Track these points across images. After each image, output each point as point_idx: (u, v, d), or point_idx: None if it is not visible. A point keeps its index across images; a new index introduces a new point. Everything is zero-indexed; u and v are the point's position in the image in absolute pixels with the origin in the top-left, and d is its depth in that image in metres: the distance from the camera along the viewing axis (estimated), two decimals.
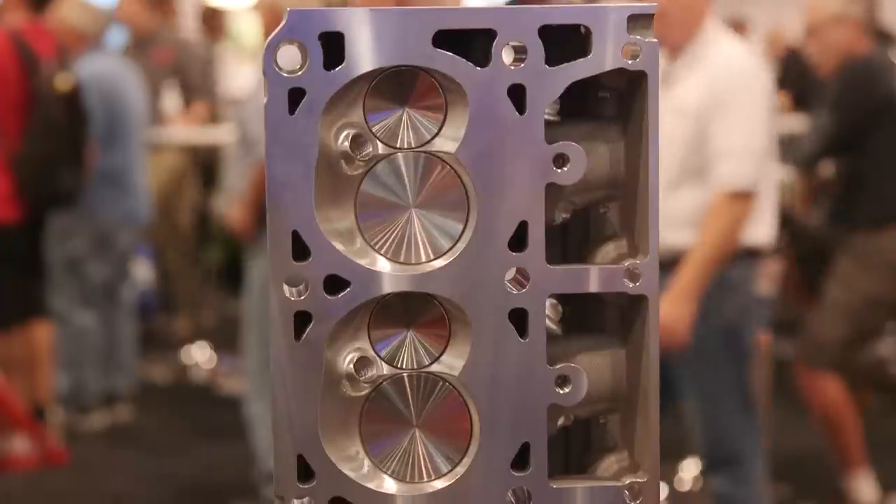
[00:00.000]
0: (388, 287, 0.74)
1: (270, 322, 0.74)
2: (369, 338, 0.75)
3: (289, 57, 0.73)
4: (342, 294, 0.73)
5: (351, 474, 0.74)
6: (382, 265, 0.74)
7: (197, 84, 5.86)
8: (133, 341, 5.18)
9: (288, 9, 0.73)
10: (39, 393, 4.88)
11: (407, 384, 0.75)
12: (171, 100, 5.79)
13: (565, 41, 0.75)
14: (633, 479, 0.76)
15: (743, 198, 2.77)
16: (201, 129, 5.64)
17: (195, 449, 4.47)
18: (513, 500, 0.74)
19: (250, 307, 3.25)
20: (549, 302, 0.76)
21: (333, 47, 0.73)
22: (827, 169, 4.55)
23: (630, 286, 0.76)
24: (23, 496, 4.94)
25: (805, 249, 4.65)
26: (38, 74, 4.25)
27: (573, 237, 0.82)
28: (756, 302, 2.99)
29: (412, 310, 0.75)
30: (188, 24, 7.58)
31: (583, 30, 0.74)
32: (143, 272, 5.72)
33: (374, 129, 0.74)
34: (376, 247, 0.74)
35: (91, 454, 4.85)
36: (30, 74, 4.24)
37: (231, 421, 4.05)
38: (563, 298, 0.81)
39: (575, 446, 0.83)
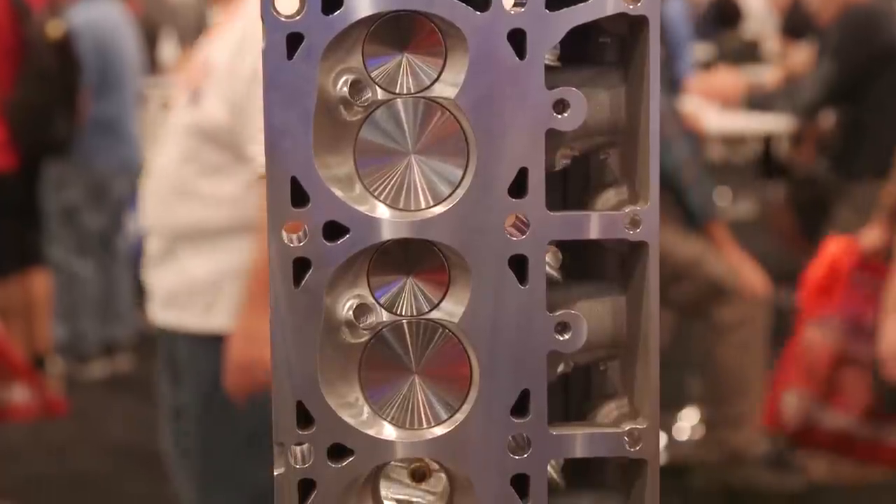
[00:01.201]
0: (387, 234, 0.73)
1: (269, 269, 0.73)
2: (368, 285, 0.75)
3: (287, 1, 0.72)
4: (341, 240, 0.73)
5: (350, 421, 0.74)
6: (382, 212, 0.74)
7: (192, 33, 5.84)
8: (131, 290, 5.17)
9: None
10: (38, 342, 4.89)
11: (406, 331, 0.74)
12: (168, 49, 5.77)
13: None
14: (633, 426, 0.76)
15: None
16: None
17: None
18: (513, 446, 0.74)
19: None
20: (549, 248, 0.75)
21: None
22: (827, 118, 4.54)
23: (631, 233, 0.75)
24: (22, 445, 4.95)
25: (805, 199, 4.65)
26: (30, 21, 4.23)
27: (573, 184, 0.82)
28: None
29: (412, 256, 0.74)
30: None
31: None
32: (139, 222, 5.70)
33: (372, 75, 0.73)
34: (375, 193, 0.74)
35: (91, 403, 4.88)
36: (21, 21, 4.22)
37: None
38: (563, 245, 0.80)
39: (575, 393, 0.84)
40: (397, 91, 0.73)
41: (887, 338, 2.75)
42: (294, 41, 0.72)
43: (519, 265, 0.74)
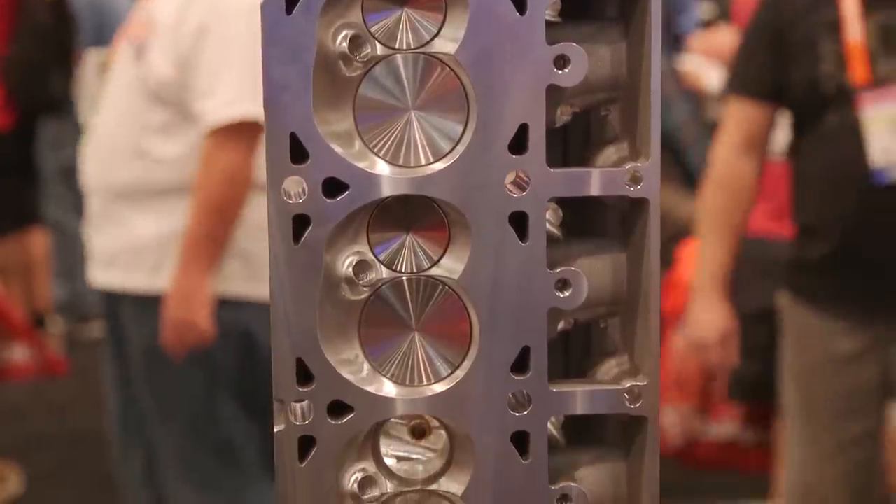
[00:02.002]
0: (387, 190, 0.73)
1: (268, 226, 0.73)
2: (368, 241, 0.74)
3: None
4: (341, 197, 0.73)
5: (350, 378, 0.74)
6: (381, 168, 0.73)
7: None
8: None
9: None
10: (38, 301, 4.89)
11: (406, 288, 0.74)
12: None
13: None
14: (633, 383, 0.76)
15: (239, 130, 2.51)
16: None
17: None
18: (513, 402, 0.74)
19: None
20: (549, 205, 0.75)
21: None
22: None
23: (631, 189, 0.75)
24: (23, 405, 4.96)
25: None
26: None
27: (574, 140, 0.81)
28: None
29: (411, 213, 0.74)
30: None
31: None
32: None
33: (372, 30, 0.73)
34: (375, 149, 0.73)
35: (91, 363, 4.87)
36: None
37: None
38: (563, 202, 0.80)
39: (575, 350, 0.83)
40: (397, 47, 0.73)
41: (700, 320, 2.50)
42: None
43: (519, 222, 0.74)
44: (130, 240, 2.63)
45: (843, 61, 2.34)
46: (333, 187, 0.73)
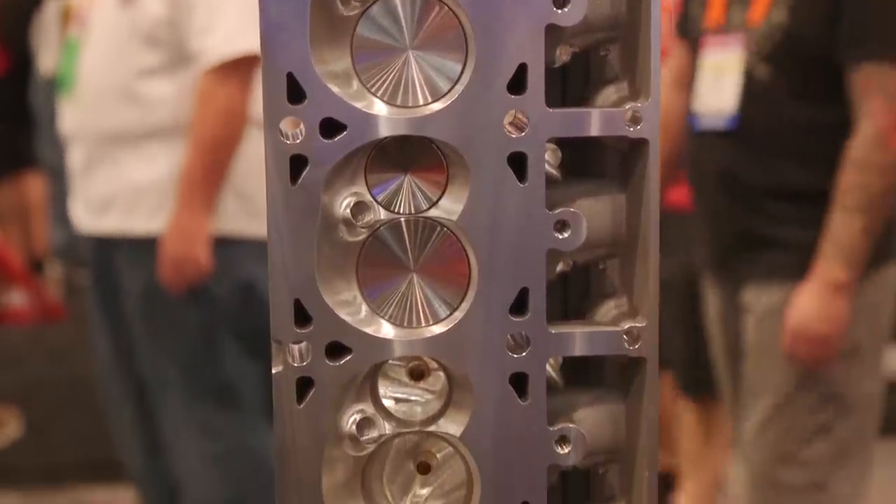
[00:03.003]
0: (385, 131, 0.72)
1: (265, 166, 0.73)
2: (366, 182, 0.74)
3: None
4: (339, 137, 0.72)
5: (348, 319, 0.74)
6: (379, 108, 0.73)
7: None
8: None
9: None
10: (35, 246, 4.89)
11: (404, 229, 0.74)
12: None
13: None
14: (632, 325, 0.76)
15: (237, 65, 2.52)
16: None
17: None
18: (511, 344, 0.74)
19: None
20: (548, 146, 0.74)
21: None
22: None
23: (631, 129, 0.74)
24: (21, 350, 4.97)
25: None
26: None
27: (573, 80, 0.81)
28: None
29: (410, 154, 0.74)
30: None
31: None
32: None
33: None
34: (373, 90, 0.73)
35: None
36: None
37: None
38: (562, 143, 0.80)
39: (574, 292, 0.83)
40: None
41: None
42: None
43: (518, 163, 0.73)
44: (128, 183, 2.63)
45: (706, 5, 2.36)
46: (331, 128, 0.72)
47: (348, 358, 0.74)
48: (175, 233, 2.54)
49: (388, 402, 0.76)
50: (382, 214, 0.74)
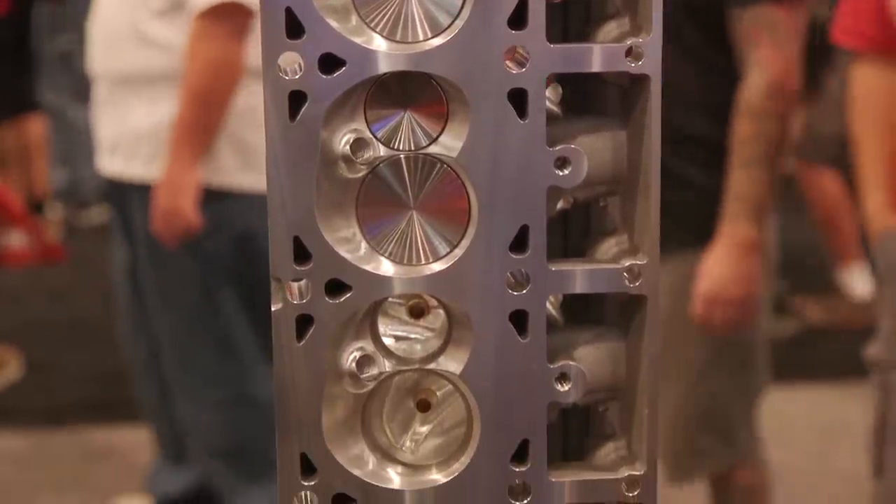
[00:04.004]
0: (384, 66, 0.72)
1: (263, 103, 0.72)
2: (366, 119, 0.73)
3: None
4: (338, 73, 0.72)
5: (347, 256, 0.73)
6: (378, 44, 0.72)
7: None
8: None
9: None
10: (36, 188, 4.88)
11: (404, 166, 0.73)
12: None
13: None
14: (633, 262, 0.75)
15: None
16: None
17: None
18: (511, 281, 0.74)
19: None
20: (549, 82, 0.74)
21: None
22: None
23: (632, 66, 0.74)
24: (21, 291, 4.98)
25: (808, 39, 4.57)
26: None
27: (574, 16, 0.80)
28: None
29: (409, 90, 0.73)
30: None
31: None
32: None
33: None
34: (372, 25, 0.72)
35: (89, 249, 4.89)
36: None
37: None
38: (563, 79, 0.79)
39: (574, 229, 0.83)
40: None
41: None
42: None
43: (518, 99, 0.73)
44: (130, 127, 2.63)
45: None
46: (330, 63, 0.72)
47: (348, 295, 0.74)
48: (165, 185, 2.55)
49: (387, 340, 0.76)
50: (382, 151, 0.73)
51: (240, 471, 2.92)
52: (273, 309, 0.74)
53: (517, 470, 0.76)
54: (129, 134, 2.65)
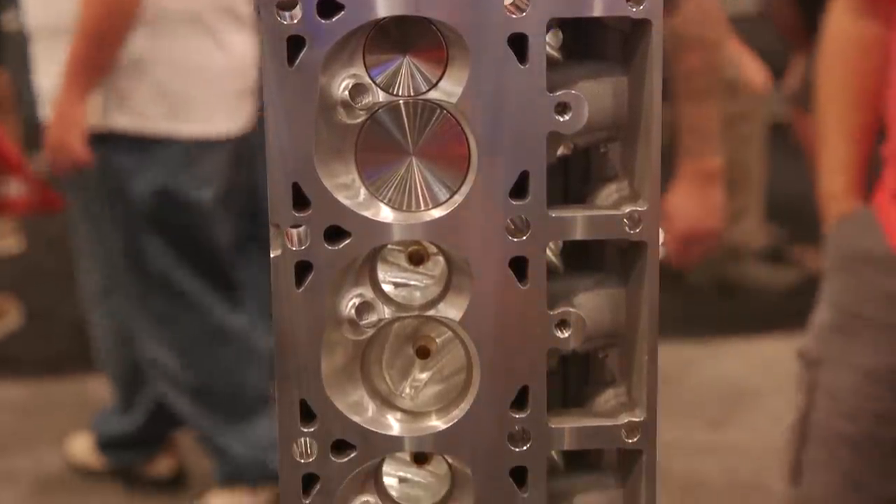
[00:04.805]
0: (383, 10, 0.71)
1: (261, 48, 0.71)
2: (364, 64, 0.73)
3: None
4: (336, 18, 0.71)
5: (347, 202, 0.73)
6: None
7: None
8: None
9: None
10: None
11: (403, 111, 0.73)
12: None
13: None
14: (633, 208, 0.75)
15: None
16: None
17: None
18: (511, 228, 0.74)
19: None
20: (549, 27, 0.73)
21: None
22: None
23: (633, 10, 0.73)
24: (20, 240, 4.97)
25: None
26: None
27: None
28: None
29: (408, 35, 0.72)
30: None
31: None
32: None
33: None
34: None
35: None
36: None
37: None
38: (563, 24, 0.78)
39: (574, 176, 0.82)
40: None
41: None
42: None
43: (518, 44, 0.72)
44: (48, 78, 2.74)
45: None
46: (328, 7, 0.71)
47: (347, 242, 0.73)
48: (55, 120, 2.64)
49: (387, 287, 0.76)
50: (381, 97, 0.73)
51: (211, 409, 2.98)
52: (272, 255, 0.73)
53: (517, 416, 0.76)
54: (47, 85, 2.75)
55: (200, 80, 2.78)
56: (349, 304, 0.75)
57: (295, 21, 0.71)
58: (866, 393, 1.83)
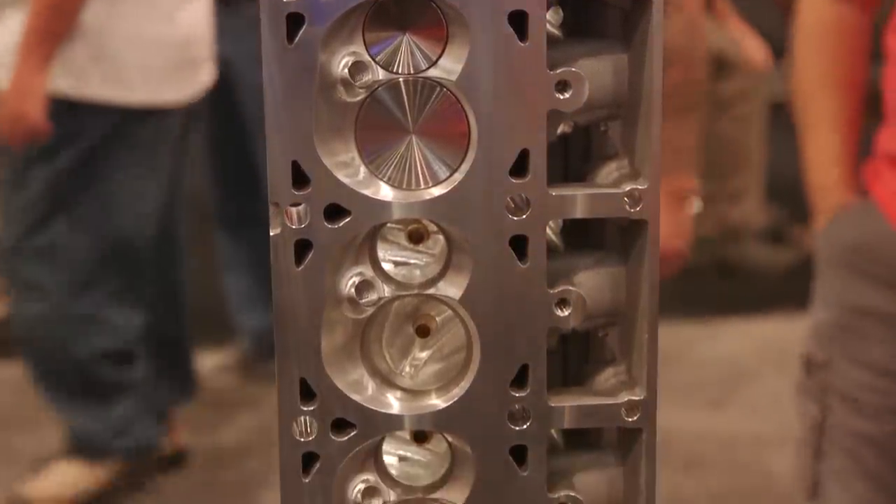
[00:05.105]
0: None
1: (260, 25, 0.71)
2: (364, 42, 0.72)
3: None
4: None
5: (347, 181, 0.73)
6: None
7: None
8: None
9: None
10: None
11: (403, 89, 0.72)
12: None
13: None
14: (634, 186, 0.75)
15: None
16: None
17: (190, 173, 4.46)
18: (511, 206, 0.73)
19: None
20: (549, 5, 0.73)
21: None
22: None
23: None
24: None
25: None
26: None
27: None
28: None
29: (408, 12, 0.72)
30: None
31: None
32: None
33: None
34: None
35: None
36: None
37: None
38: (563, 2, 0.78)
39: (575, 154, 0.82)
40: None
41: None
42: None
43: (518, 21, 0.72)
44: (5, 42, 2.75)
45: None
46: None
47: (347, 220, 0.73)
48: (12, 89, 2.67)
49: (386, 265, 0.76)
50: (381, 74, 0.73)
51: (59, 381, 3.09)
52: (272, 234, 0.73)
53: (517, 395, 0.76)
54: (3, 48, 2.76)
55: (146, 49, 2.81)
56: (349, 283, 0.75)
57: None
58: (886, 390, 1.76)
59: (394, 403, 0.77)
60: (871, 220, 1.79)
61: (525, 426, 0.76)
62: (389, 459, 0.79)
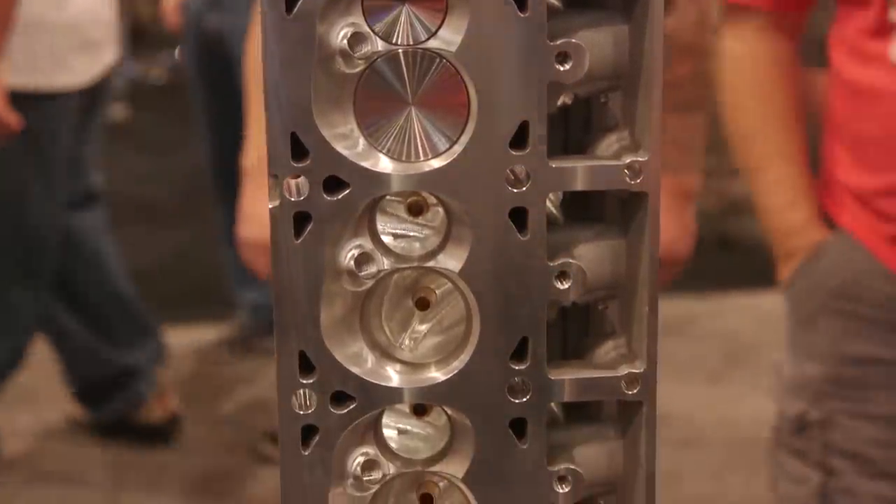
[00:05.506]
0: None
1: None
2: (363, 13, 0.72)
3: None
4: None
5: (345, 153, 0.72)
6: None
7: None
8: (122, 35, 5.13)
9: None
10: None
11: (402, 61, 0.72)
12: None
13: None
14: (634, 158, 0.74)
15: None
16: None
17: (189, 148, 4.46)
18: (511, 178, 0.73)
19: None
20: None
21: None
22: None
23: None
24: None
25: None
26: None
27: None
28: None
29: None
30: None
31: None
32: None
33: None
34: None
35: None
36: None
37: None
38: None
39: (575, 126, 0.82)
40: None
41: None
42: None
43: None
44: None
45: None
46: None
47: (346, 192, 0.73)
48: None
49: (386, 238, 0.75)
50: (380, 46, 0.72)
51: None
52: (270, 206, 0.73)
53: (516, 368, 0.76)
54: None
55: (31, 35, 2.83)
56: (348, 256, 0.74)
57: None
58: (894, 442, 1.64)
59: (393, 376, 0.77)
60: (853, 257, 1.68)
61: (525, 399, 0.76)
62: (389, 432, 0.78)
